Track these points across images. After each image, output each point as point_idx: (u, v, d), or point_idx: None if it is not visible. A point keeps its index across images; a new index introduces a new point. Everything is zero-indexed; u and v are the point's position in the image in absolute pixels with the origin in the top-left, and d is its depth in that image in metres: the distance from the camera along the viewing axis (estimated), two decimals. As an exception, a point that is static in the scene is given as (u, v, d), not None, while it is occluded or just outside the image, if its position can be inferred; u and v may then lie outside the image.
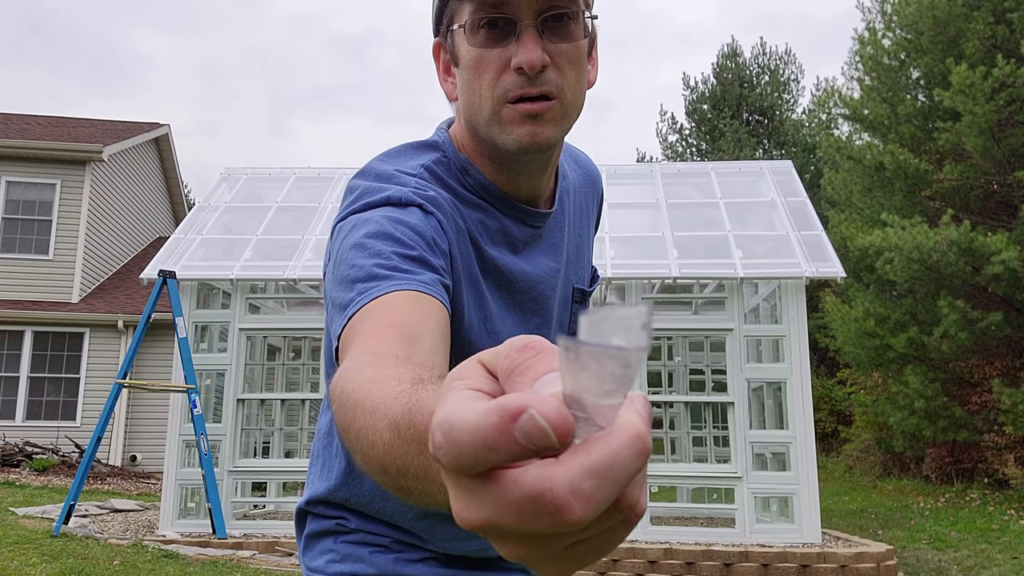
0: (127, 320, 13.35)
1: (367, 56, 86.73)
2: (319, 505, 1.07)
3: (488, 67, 0.89)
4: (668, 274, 7.17)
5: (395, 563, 1.01)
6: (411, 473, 0.50)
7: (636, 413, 0.35)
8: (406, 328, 0.74)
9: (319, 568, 1.03)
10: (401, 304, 0.77)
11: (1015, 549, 7.53)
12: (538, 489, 0.33)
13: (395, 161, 0.98)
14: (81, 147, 14.18)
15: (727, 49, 28.07)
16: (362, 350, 0.70)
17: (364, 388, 0.59)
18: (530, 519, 0.34)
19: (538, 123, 0.89)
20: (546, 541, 0.35)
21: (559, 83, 0.89)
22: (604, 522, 0.35)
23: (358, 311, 0.77)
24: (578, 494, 0.33)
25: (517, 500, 0.33)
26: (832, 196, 15.52)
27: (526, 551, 0.36)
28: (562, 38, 0.89)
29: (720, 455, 9.30)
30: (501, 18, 0.87)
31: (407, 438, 0.50)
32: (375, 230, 0.85)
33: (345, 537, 1.03)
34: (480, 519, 0.35)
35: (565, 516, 0.33)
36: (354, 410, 0.58)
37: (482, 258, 0.98)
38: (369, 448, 0.55)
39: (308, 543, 1.07)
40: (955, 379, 12.50)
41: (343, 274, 0.83)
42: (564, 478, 0.33)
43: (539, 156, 0.94)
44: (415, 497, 0.53)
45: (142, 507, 9.12)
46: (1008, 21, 11.72)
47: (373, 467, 0.55)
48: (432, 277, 0.83)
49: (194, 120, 72.46)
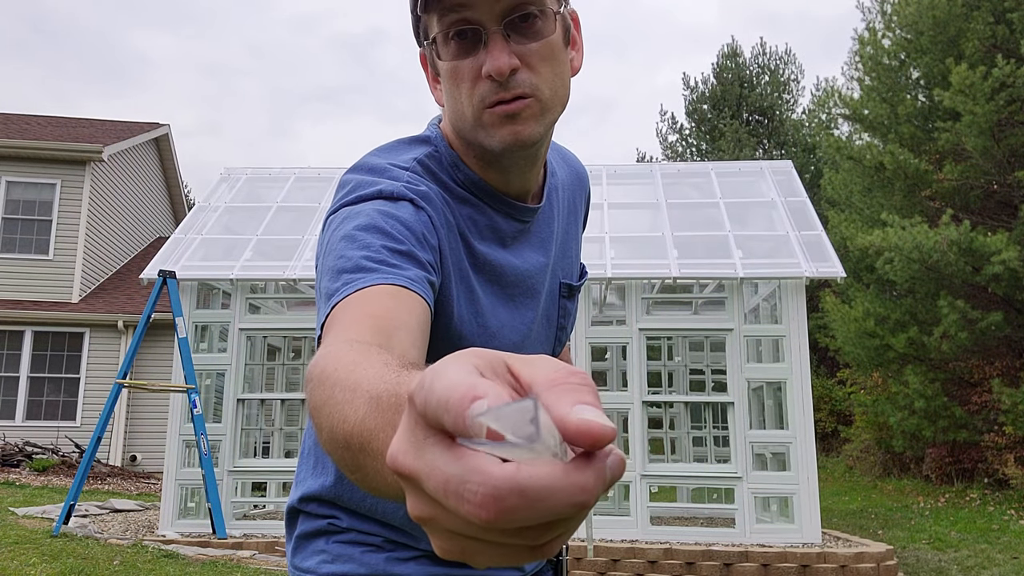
0: (127, 320, 13.35)
1: (370, 56, 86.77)
2: (311, 503, 1.06)
3: (463, 77, 0.91)
4: (668, 274, 7.17)
5: (386, 562, 1.01)
6: (372, 449, 0.51)
7: (598, 473, 0.34)
8: (384, 320, 0.75)
9: (311, 568, 1.02)
10: (383, 297, 0.78)
11: (1015, 549, 7.53)
12: (470, 476, 0.33)
13: (388, 155, 0.99)
14: (81, 147, 14.18)
15: (727, 49, 28.08)
16: (342, 337, 0.71)
17: (347, 368, 0.59)
18: (449, 496, 0.34)
19: (517, 122, 0.90)
20: (452, 518, 0.35)
21: (533, 82, 0.90)
22: (512, 538, 0.35)
23: (341, 300, 0.79)
24: (498, 503, 0.33)
25: (450, 473, 0.34)
26: (832, 196, 15.52)
27: (429, 513, 0.37)
28: (530, 37, 0.90)
29: (720, 455, 9.30)
30: (468, 28, 0.88)
31: (384, 408, 0.51)
32: (365, 223, 0.86)
33: (337, 537, 1.03)
34: (409, 467, 0.36)
35: (474, 512, 0.33)
36: (332, 388, 0.59)
37: (472, 253, 0.98)
38: (340, 422, 0.56)
39: (299, 544, 1.06)
40: (955, 379, 12.50)
41: (331, 264, 0.84)
42: (495, 482, 0.33)
43: (524, 152, 0.95)
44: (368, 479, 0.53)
45: (142, 507, 9.12)
46: (1008, 21, 11.72)
47: (337, 442, 0.56)
48: (418, 273, 0.84)
49: (196, 120, 72.52)
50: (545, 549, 0.36)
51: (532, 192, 1.05)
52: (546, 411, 0.34)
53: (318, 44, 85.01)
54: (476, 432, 0.33)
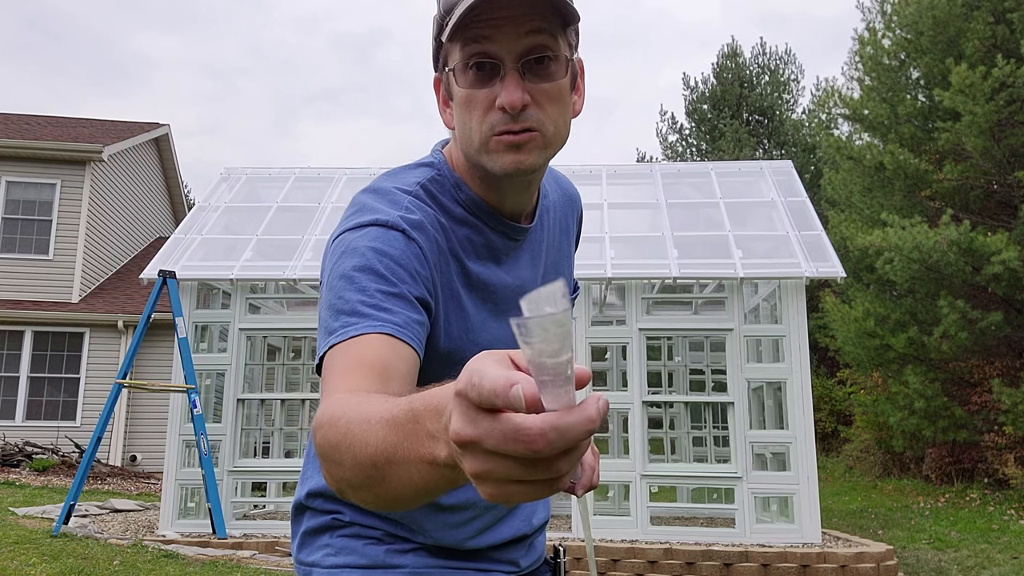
0: (127, 320, 13.36)
1: (372, 56, 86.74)
2: (317, 499, 1.14)
3: (477, 105, 0.99)
4: (668, 274, 7.17)
5: (386, 554, 1.09)
6: (398, 458, 0.64)
7: (595, 406, 0.51)
8: (378, 368, 0.87)
9: (316, 562, 1.11)
10: (377, 345, 0.89)
11: (1015, 549, 7.53)
12: (521, 426, 0.50)
13: (394, 179, 1.09)
14: (81, 147, 14.19)
15: (727, 49, 28.09)
16: (342, 387, 0.84)
17: (355, 408, 0.72)
18: (509, 443, 0.50)
19: (521, 152, 0.99)
20: (504, 465, 0.51)
21: (540, 119, 0.98)
22: (542, 474, 0.51)
23: (339, 343, 0.90)
24: (543, 437, 0.49)
25: (505, 429, 0.50)
26: (832, 196, 15.52)
27: (486, 468, 0.52)
28: (543, 78, 0.98)
29: (720, 455, 9.30)
30: (487, 61, 0.96)
31: (402, 424, 0.64)
32: (362, 263, 0.96)
33: (340, 531, 1.11)
34: (470, 435, 0.52)
35: (531, 446, 0.50)
36: (348, 425, 0.71)
37: (465, 273, 1.08)
38: (362, 447, 0.68)
39: (304, 539, 1.14)
40: (955, 379, 12.50)
41: (332, 302, 0.95)
42: (537, 425, 0.49)
43: (523, 178, 1.05)
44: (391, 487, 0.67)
45: (142, 507, 9.12)
46: (1008, 21, 11.72)
47: (363, 465, 0.68)
48: (408, 317, 0.94)
49: (198, 120, 72.49)
50: (560, 482, 0.53)
51: (525, 212, 1.15)
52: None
53: (320, 44, 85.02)
54: (518, 404, 0.50)
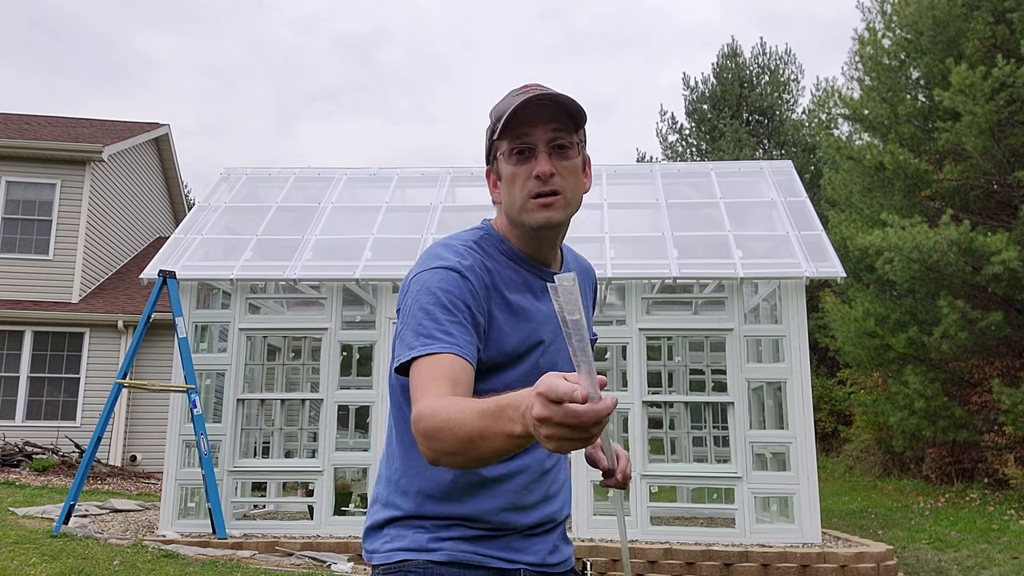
0: (127, 320, 13.36)
1: (373, 56, 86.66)
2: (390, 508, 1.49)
3: (519, 178, 1.41)
4: (668, 274, 7.17)
5: (429, 540, 1.39)
6: (489, 433, 1.02)
7: (611, 399, 0.88)
8: (450, 378, 1.23)
9: (376, 548, 1.44)
10: (449, 363, 1.26)
11: (1015, 549, 7.53)
12: (576, 410, 0.86)
13: (455, 237, 1.50)
14: (81, 147, 14.18)
15: (727, 49, 28.08)
16: (430, 393, 1.19)
17: (448, 408, 1.10)
18: (568, 418, 0.87)
19: (550, 209, 1.40)
20: (562, 431, 0.88)
21: (562, 185, 1.40)
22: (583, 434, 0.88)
23: (419, 357, 1.27)
24: (586, 414, 0.86)
25: (567, 411, 0.86)
26: (832, 196, 15.52)
27: (553, 432, 0.89)
28: (564, 159, 1.41)
29: (720, 455, 9.30)
30: (527, 147, 1.40)
31: (489, 413, 1.02)
32: (434, 300, 1.34)
33: (396, 523, 1.43)
34: (547, 414, 0.88)
35: (580, 420, 0.86)
36: (448, 414, 1.09)
37: (507, 302, 1.45)
38: (459, 427, 1.06)
39: (369, 533, 1.48)
40: (955, 379, 12.50)
41: (413, 326, 1.32)
42: (583, 408, 0.86)
43: (552, 232, 1.45)
44: (479, 452, 1.05)
45: (142, 507, 9.11)
46: (1008, 21, 11.72)
47: (462, 441, 1.06)
48: (467, 340, 1.31)
49: (198, 120, 72.38)
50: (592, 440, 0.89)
51: (553, 264, 1.55)
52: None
53: (320, 44, 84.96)
54: (576, 399, 0.86)
